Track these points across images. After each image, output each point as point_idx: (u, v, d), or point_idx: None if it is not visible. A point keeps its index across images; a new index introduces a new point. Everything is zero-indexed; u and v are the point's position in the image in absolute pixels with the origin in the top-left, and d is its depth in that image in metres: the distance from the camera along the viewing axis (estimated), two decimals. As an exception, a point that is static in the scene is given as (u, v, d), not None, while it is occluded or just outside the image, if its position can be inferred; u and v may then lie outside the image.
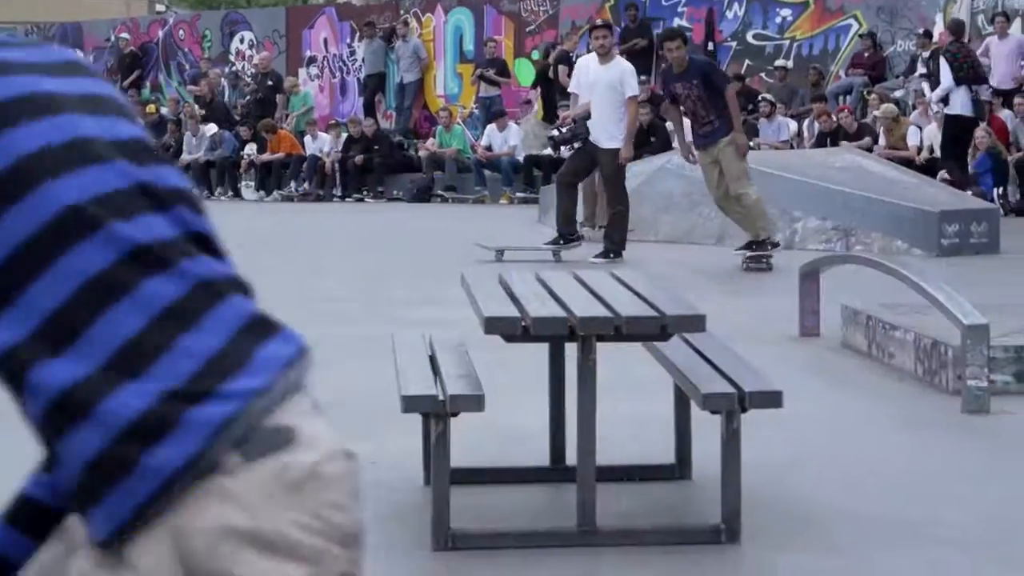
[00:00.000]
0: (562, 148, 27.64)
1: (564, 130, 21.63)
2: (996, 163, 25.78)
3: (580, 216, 20.21)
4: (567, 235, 19.15)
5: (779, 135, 28.94)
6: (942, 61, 27.02)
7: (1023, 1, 29.09)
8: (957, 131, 26.80)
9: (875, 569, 6.56)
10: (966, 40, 28.29)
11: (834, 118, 28.86)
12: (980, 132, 26.35)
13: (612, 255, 18.65)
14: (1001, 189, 25.30)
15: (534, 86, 32.97)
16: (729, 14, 33.32)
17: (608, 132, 19.27)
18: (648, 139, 29.01)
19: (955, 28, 27.90)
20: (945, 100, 27.26)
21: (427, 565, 6.71)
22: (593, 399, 6.99)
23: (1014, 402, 9.92)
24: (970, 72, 26.88)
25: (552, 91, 31.14)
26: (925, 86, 29.32)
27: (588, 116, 19.85)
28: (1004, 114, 27.01)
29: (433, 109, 35.95)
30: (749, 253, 17.86)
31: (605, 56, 19.67)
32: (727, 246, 18.95)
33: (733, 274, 16.57)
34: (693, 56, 18.43)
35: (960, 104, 26.60)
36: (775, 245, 17.93)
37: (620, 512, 7.25)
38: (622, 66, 19.76)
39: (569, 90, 20.44)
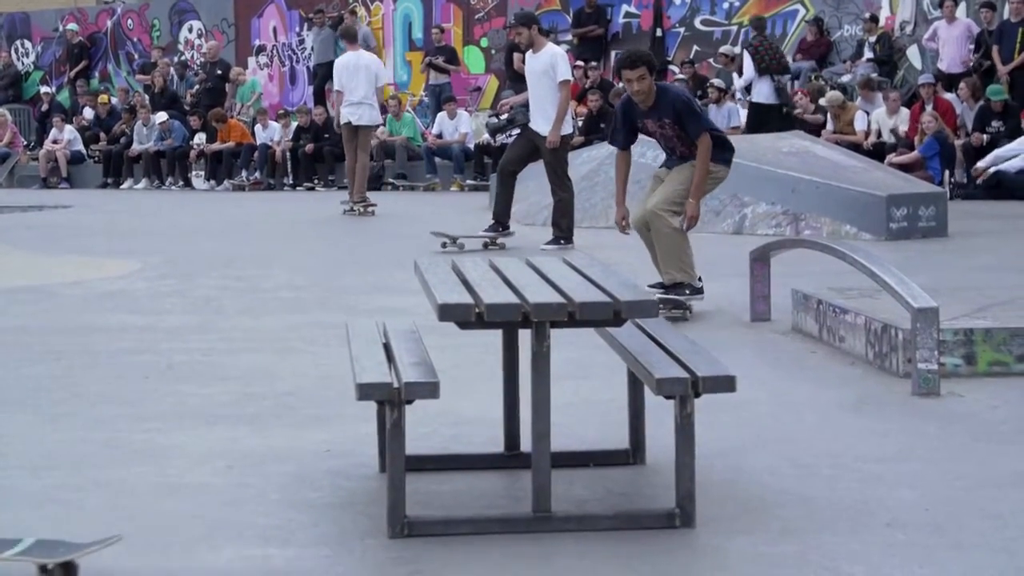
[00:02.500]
0: (498, 135, 28.03)
1: (502, 117, 22.14)
2: (944, 147, 25.83)
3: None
4: (505, 224, 19.08)
5: (729, 121, 28.99)
6: (745, 54, 29.90)
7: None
8: (760, 118, 28.81)
9: (829, 552, 6.57)
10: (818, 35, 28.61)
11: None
12: (927, 116, 26.43)
13: (563, 241, 18.76)
14: (948, 172, 25.35)
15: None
16: (677, 0, 33.36)
17: (546, 118, 19.29)
18: (598, 126, 29.12)
19: (757, 24, 30.99)
20: (748, 89, 29.90)
21: (382, 553, 6.69)
22: (547, 385, 6.99)
23: (964, 385, 9.95)
24: (772, 63, 29.24)
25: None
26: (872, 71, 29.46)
27: (526, 104, 20.20)
28: (949, 97, 27.08)
29: (383, 97, 35.90)
30: (660, 294, 12.47)
31: (533, 46, 19.79)
32: None
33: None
34: (663, 87, 13.14)
35: (763, 94, 29.28)
36: (696, 291, 12.59)
37: (575, 498, 7.26)
38: (552, 51, 19.91)
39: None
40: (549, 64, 19.49)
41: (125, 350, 12.26)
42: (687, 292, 12.46)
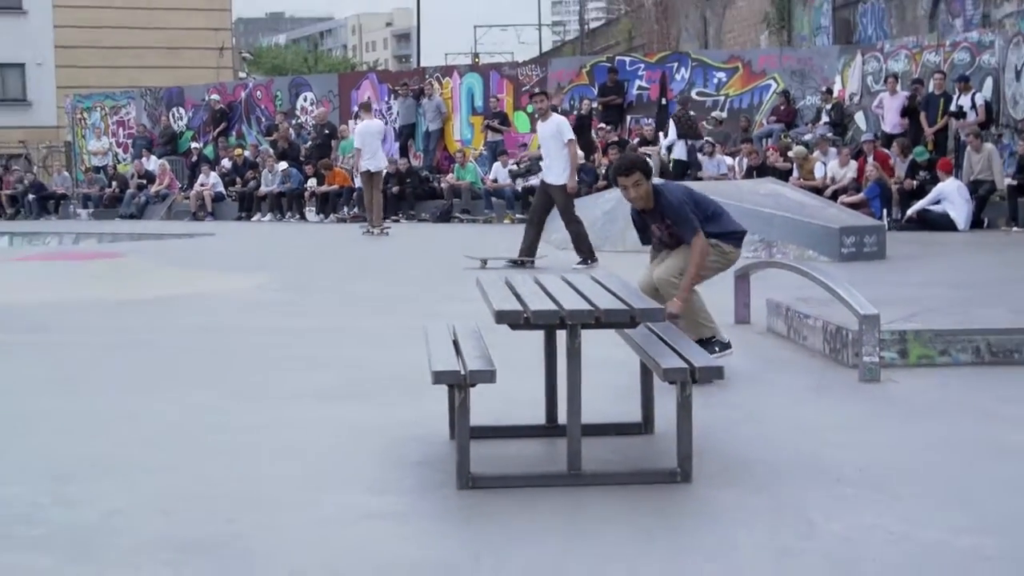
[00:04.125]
0: (517, 180, 28.98)
1: (520, 165, 23.24)
2: (883, 190, 25.78)
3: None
4: (525, 260, 19.10)
5: (719, 169, 29.07)
6: (671, 122, 31.53)
7: (902, 65, 29.06)
8: (679, 170, 29.85)
9: (794, 502, 6.56)
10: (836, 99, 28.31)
11: (759, 156, 28.97)
12: (869, 167, 26.38)
13: (589, 262, 18.81)
14: (886, 210, 25.28)
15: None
16: (678, 76, 33.48)
17: (555, 172, 19.39)
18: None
19: (683, 101, 32.36)
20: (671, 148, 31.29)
21: (453, 500, 6.72)
22: (578, 373, 7.02)
23: (898, 373, 9.94)
24: (688, 131, 31.02)
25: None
26: (828, 131, 29.38)
27: (539, 158, 21.00)
28: (887, 151, 26.98)
29: (451, 151, 36.00)
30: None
31: (543, 116, 20.13)
32: None
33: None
34: (658, 190, 10.25)
35: (681, 152, 30.85)
36: (724, 347, 10.23)
37: (599, 459, 7.26)
38: (557, 119, 20.08)
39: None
40: (556, 129, 19.56)
41: (258, 344, 12.29)
42: (716, 350, 9.66)
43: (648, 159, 10.53)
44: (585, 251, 19.25)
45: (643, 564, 5.76)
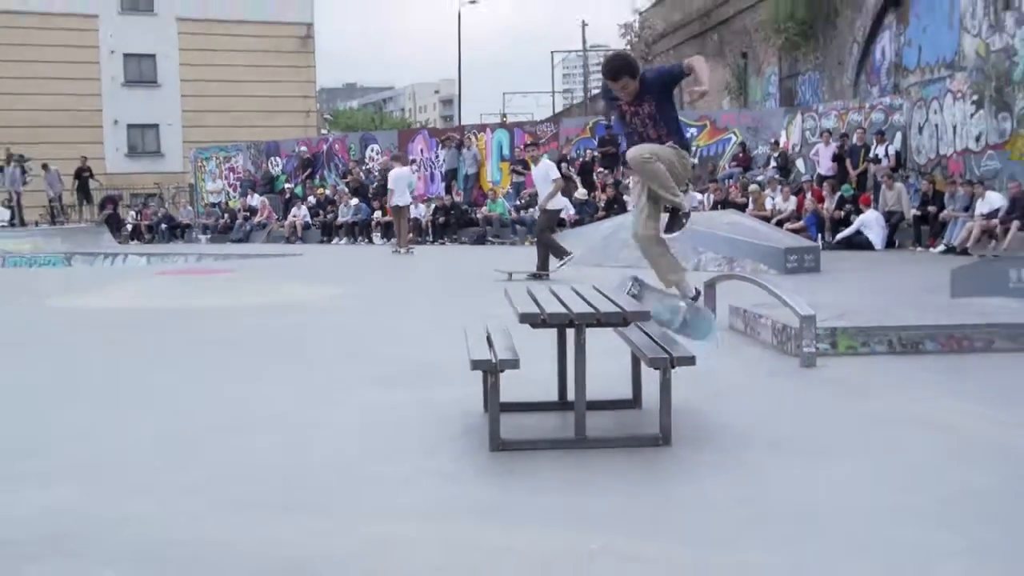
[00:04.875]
0: (522, 212, 29.43)
1: (521, 201, 23.93)
2: (818, 219, 25.79)
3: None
4: (541, 274, 19.08)
5: (692, 203, 28.73)
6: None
7: (832, 123, 29.03)
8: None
9: (752, 461, 6.55)
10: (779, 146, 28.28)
11: (723, 192, 28.97)
12: (808, 201, 26.40)
13: (541, 274, 19.20)
14: (821, 234, 25.26)
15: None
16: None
17: (542, 203, 19.86)
18: (612, 206, 29.05)
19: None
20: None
21: (486, 460, 6.71)
22: (583, 361, 7.01)
23: (830, 360, 9.90)
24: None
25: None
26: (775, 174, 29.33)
27: (535, 194, 22.08)
28: (824, 189, 26.96)
29: (485, 189, 36.03)
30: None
31: (535, 162, 20.48)
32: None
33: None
34: (642, 77, 8.91)
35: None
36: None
37: (600, 427, 7.25)
38: (546, 163, 20.36)
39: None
40: (545, 172, 19.90)
41: (334, 340, 12.30)
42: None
43: (630, 61, 8.96)
44: (540, 264, 19.48)
45: (633, 507, 5.78)
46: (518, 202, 33.21)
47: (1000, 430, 7.32)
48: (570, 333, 7.27)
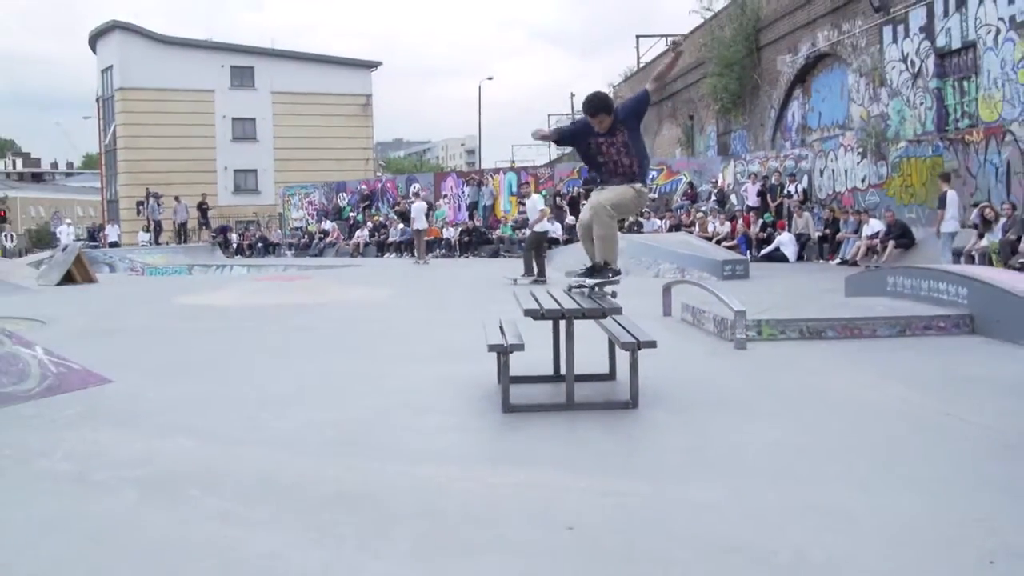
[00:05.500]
0: (516, 231, 29.17)
1: (515, 223, 23.87)
2: (747, 239, 25.71)
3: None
4: (539, 279, 18.89)
5: (653, 227, 28.81)
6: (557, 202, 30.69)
7: (756, 167, 28.92)
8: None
9: (699, 420, 6.50)
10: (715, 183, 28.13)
11: (676, 219, 28.87)
12: (740, 226, 26.33)
13: (527, 277, 19.21)
14: (749, 250, 25.18)
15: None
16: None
17: (532, 225, 20.06)
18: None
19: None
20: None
21: (499, 419, 6.65)
22: (572, 345, 6.94)
23: (756, 344, 9.84)
24: (555, 213, 29.87)
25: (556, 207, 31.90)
26: (715, 205, 29.24)
27: (527, 218, 21.94)
28: (751, 216, 26.88)
29: (498, 216, 35.91)
30: (590, 280, 7.85)
31: (527, 196, 21.21)
32: (631, 277, 17.62)
33: (634, 288, 16.43)
34: (615, 112, 7.61)
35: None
36: (616, 273, 7.87)
37: (584, 395, 7.18)
38: (534, 198, 20.56)
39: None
40: (534, 204, 20.09)
41: (382, 330, 12.25)
42: (609, 275, 7.74)
43: (608, 100, 7.61)
44: (527, 270, 19.43)
45: (610, 454, 5.72)
46: (512, 224, 33.29)
47: (876, 393, 7.29)
48: (562, 324, 7.22)
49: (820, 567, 3.92)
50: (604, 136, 7.60)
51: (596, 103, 7.52)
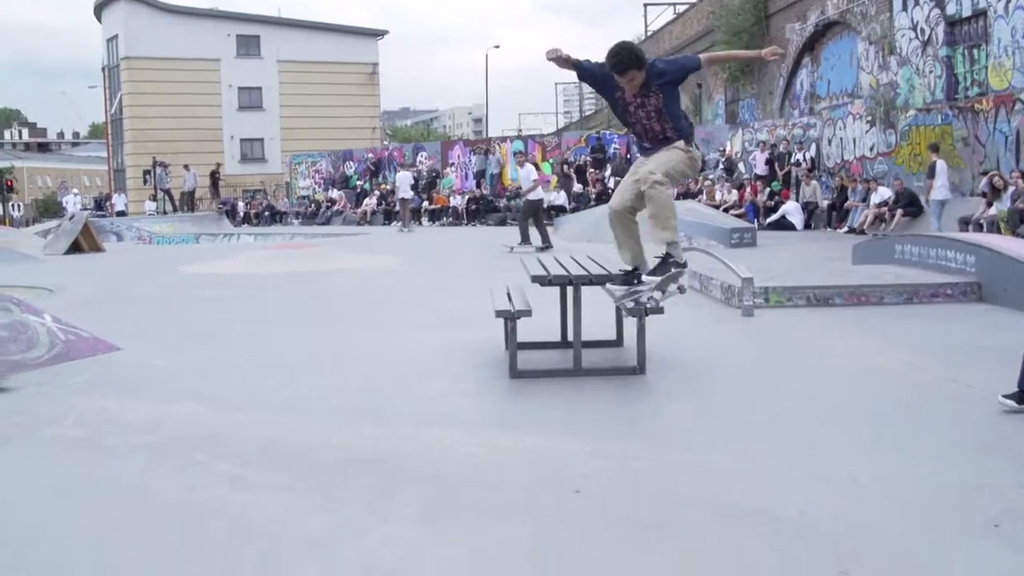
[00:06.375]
0: (516, 199, 29.39)
1: (511, 191, 23.90)
2: (754, 207, 25.63)
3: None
4: (546, 246, 18.86)
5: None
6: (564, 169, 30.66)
7: (765, 136, 28.79)
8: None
9: (705, 385, 6.52)
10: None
11: (684, 187, 28.78)
12: (747, 194, 26.25)
13: (523, 244, 19.09)
14: (756, 219, 25.11)
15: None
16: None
17: (528, 194, 19.95)
18: (600, 198, 28.90)
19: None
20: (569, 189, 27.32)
21: (506, 384, 6.67)
22: (579, 311, 6.95)
23: (763, 311, 9.84)
24: (562, 181, 30.55)
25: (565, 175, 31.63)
26: (723, 173, 29.15)
27: (520, 188, 21.80)
28: (759, 185, 26.79)
29: (505, 184, 35.81)
30: (649, 280, 6.55)
31: (521, 165, 20.71)
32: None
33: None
34: (648, 69, 6.22)
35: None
36: (680, 265, 6.55)
37: (592, 360, 7.19)
38: (528, 167, 20.47)
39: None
40: (528, 173, 20.04)
41: (388, 297, 12.27)
42: (672, 270, 6.39)
43: (637, 53, 6.01)
44: (523, 238, 19.33)
45: (616, 419, 5.75)
46: (507, 194, 33.20)
47: (883, 360, 7.29)
48: (569, 290, 7.22)
49: (825, 531, 3.94)
50: (635, 96, 6.27)
51: (625, 59, 6.09)
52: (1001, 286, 10.02)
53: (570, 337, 7.31)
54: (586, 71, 6.46)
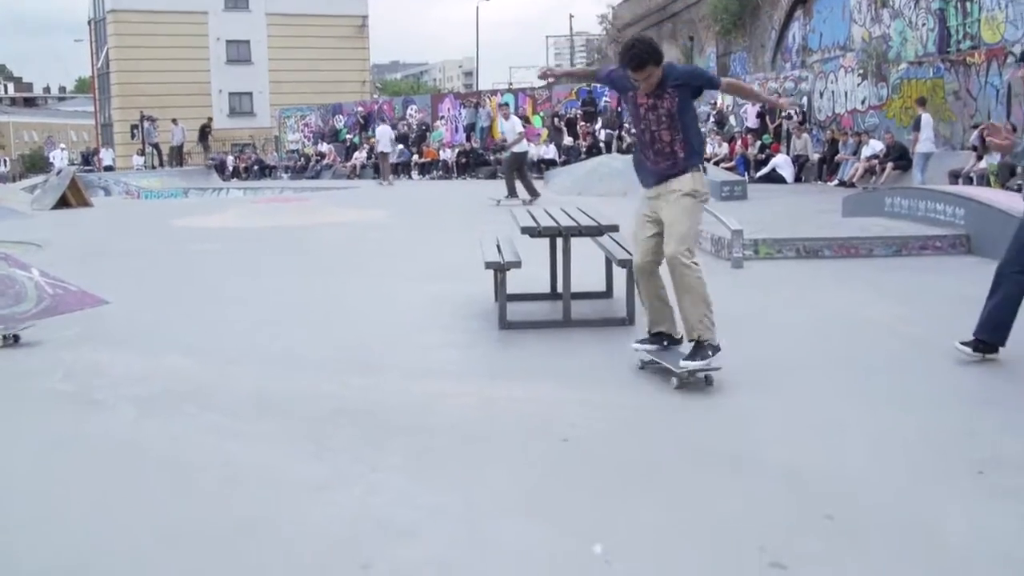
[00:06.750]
0: (499, 152, 29.17)
1: (496, 144, 23.83)
2: (744, 160, 25.59)
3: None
4: (533, 198, 18.74)
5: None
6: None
7: (756, 88, 28.68)
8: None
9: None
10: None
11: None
12: (738, 147, 26.20)
13: (509, 197, 18.89)
14: (747, 172, 25.07)
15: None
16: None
17: (513, 147, 19.70)
18: (591, 151, 28.78)
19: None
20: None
21: (496, 335, 6.70)
22: (569, 262, 6.95)
23: (753, 263, 9.86)
24: (552, 134, 29.97)
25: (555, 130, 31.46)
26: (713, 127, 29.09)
27: (505, 140, 21.13)
28: (749, 138, 26.71)
29: (496, 138, 35.56)
30: (687, 365, 5.28)
31: (507, 117, 20.47)
32: (628, 198, 16.45)
33: (628, 207, 16.26)
34: (668, 67, 5.49)
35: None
36: (717, 350, 5.36)
37: (581, 312, 7.20)
38: (514, 119, 20.26)
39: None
40: (512, 125, 19.86)
41: (378, 250, 12.25)
42: (710, 353, 5.33)
43: (655, 47, 5.34)
44: (510, 191, 19.18)
45: (604, 369, 5.77)
46: (492, 146, 32.95)
47: (871, 311, 7.32)
48: (559, 241, 7.22)
49: (811, 478, 3.97)
50: (647, 96, 5.55)
51: (642, 52, 5.41)
52: (990, 238, 10.03)
53: (560, 289, 7.32)
54: (601, 76, 6.09)
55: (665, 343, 5.73)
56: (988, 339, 5.68)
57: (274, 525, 3.61)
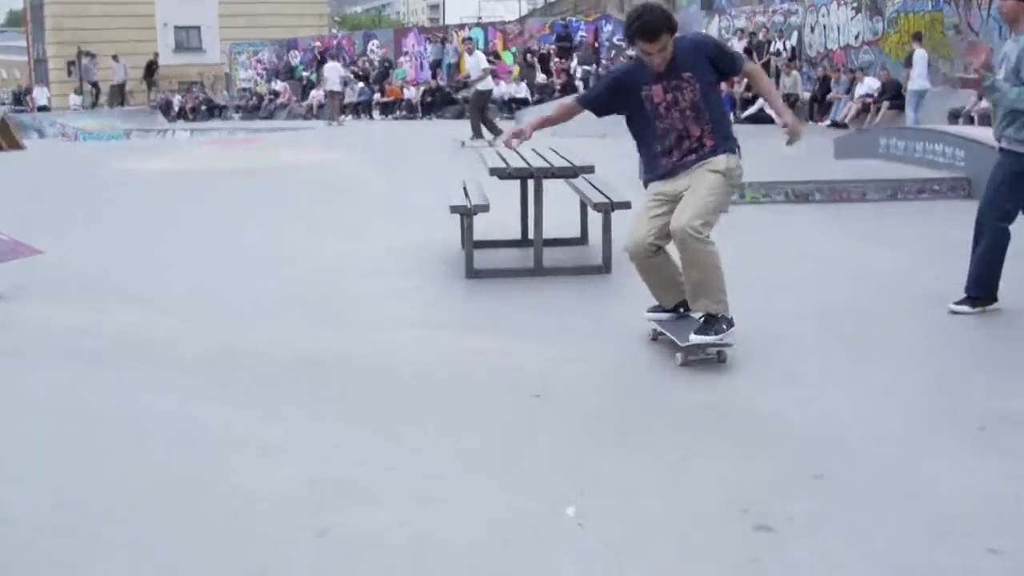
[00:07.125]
0: (461, 90, 28.99)
1: (459, 82, 24.02)
2: (731, 99, 25.57)
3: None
4: (475, 136, 18.60)
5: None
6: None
7: (743, 23, 28.60)
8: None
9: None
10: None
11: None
12: (723, 84, 26.19)
13: (475, 138, 18.58)
14: (733, 111, 25.05)
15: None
16: (606, 30, 32.64)
17: (477, 84, 19.60)
18: (565, 89, 28.67)
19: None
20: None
21: (462, 284, 6.70)
22: (541, 206, 6.92)
23: (740, 207, 9.82)
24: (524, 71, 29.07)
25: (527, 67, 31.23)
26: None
27: (468, 77, 20.85)
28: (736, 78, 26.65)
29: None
30: (697, 339, 4.86)
31: (471, 53, 21.00)
32: (607, 141, 15.18)
33: (614, 151, 16.20)
34: (678, 39, 4.88)
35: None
36: (731, 324, 4.95)
37: (554, 259, 7.19)
38: (478, 56, 20.56)
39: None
40: (477, 61, 19.96)
41: (339, 187, 12.17)
42: (724, 327, 4.92)
43: (668, 13, 4.75)
44: (475, 132, 18.99)
45: (579, 322, 5.78)
46: (455, 83, 32.69)
47: (864, 258, 7.36)
48: (530, 184, 7.19)
49: (798, 432, 3.99)
50: (662, 82, 5.01)
51: (653, 20, 4.85)
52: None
53: (531, 235, 7.30)
54: (595, 99, 5.44)
55: (682, 310, 5.28)
56: (978, 295, 5.72)
57: (226, 487, 3.59)
